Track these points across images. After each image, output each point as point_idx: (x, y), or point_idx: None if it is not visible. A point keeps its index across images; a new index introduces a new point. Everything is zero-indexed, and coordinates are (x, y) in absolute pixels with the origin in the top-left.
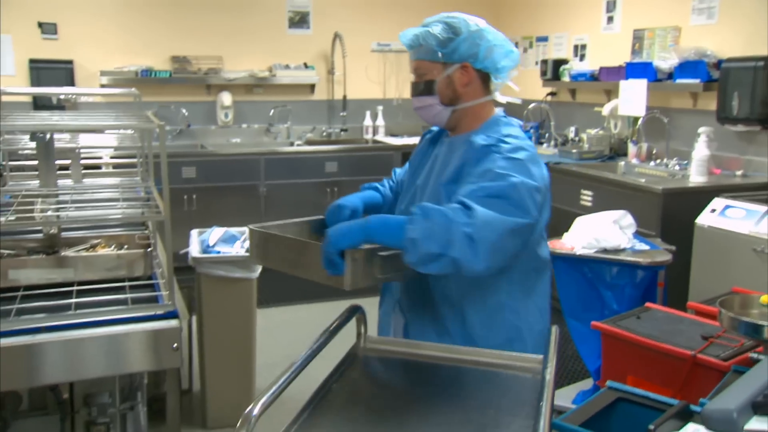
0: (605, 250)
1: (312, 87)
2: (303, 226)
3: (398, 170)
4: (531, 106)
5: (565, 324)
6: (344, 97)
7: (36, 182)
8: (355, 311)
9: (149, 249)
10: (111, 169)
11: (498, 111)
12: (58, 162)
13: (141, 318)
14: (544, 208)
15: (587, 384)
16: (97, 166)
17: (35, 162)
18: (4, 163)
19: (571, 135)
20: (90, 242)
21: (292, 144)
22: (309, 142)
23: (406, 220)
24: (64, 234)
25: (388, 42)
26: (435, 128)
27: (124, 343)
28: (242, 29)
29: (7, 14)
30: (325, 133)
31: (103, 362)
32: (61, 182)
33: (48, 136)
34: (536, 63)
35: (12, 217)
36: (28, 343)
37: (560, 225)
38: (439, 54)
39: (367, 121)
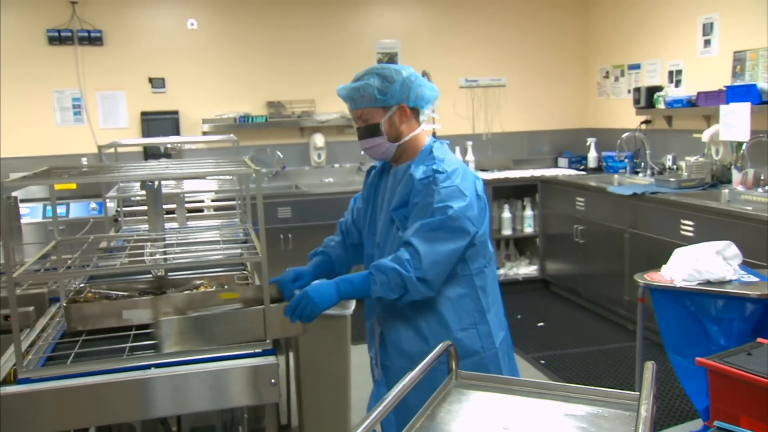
0: (708, 282)
1: None
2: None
3: (356, 197)
4: (624, 135)
5: (668, 359)
6: (434, 133)
7: (146, 226)
8: (447, 347)
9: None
10: (212, 212)
11: (428, 138)
12: (165, 207)
13: (241, 355)
14: (482, 213)
15: (697, 425)
16: (200, 210)
17: (145, 207)
18: (119, 209)
19: (669, 163)
20: (193, 283)
21: None
22: None
23: (369, 280)
24: (171, 275)
25: (475, 77)
26: (378, 163)
27: (225, 378)
28: (333, 72)
29: (122, 73)
30: None
31: (207, 397)
32: (167, 225)
33: (156, 183)
34: (628, 91)
35: (126, 260)
36: (140, 378)
37: (658, 256)
38: (381, 101)
39: (458, 157)
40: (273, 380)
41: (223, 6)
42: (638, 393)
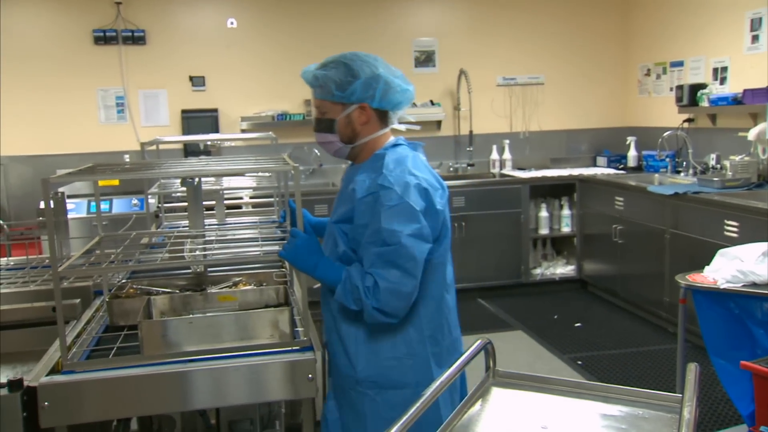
0: (754, 285)
1: (438, 123)
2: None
3: None
4: (666, 134)
5: (710, 362)
6: (470, 132)
7: (186, 222)
8: (485, 345)
9: (286, 285)
10: (250, 209)
11: (392, 138)
12: (204, 203)
13: (279, 351)
14: (439, 228)
15: (741, 430)
16: (238, 206)
17: (186, 204)
18: (160, 205)
19: (712, 162)
20: (232, 280)
21: None
22: None
23: (340, 279)
24: (210, 272)
25: (513, 76)
26: None
27: (263, 372)
28: None
29: (164, 71)
30: (451, 169)
31: (245, 390)
32: (207, 222)
33: (196, 180)
34: (671, 89)
35: (166, 257)
36: (180, 371)
37: (700, 257)
38: (339, 96)
39: (494, 155)
40: (310, 375)
41: (262, 5)
42: (680, 395)
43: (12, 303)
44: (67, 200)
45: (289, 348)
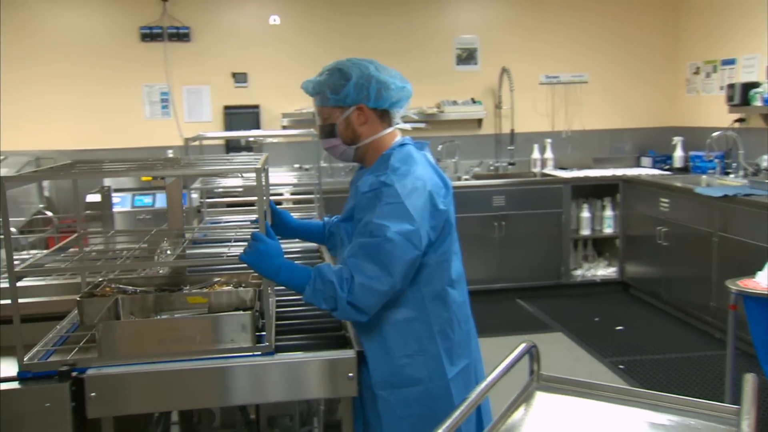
0: None
1: (479, 122)
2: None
3: None
4: (715, 134)
5: (761, 370)
6: (512, 130)
7: (228, 217)
8: (530, 348)
9: (258, 288)
10: (291, 205)
11: (398, 138)
12: (246, 198)
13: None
14: (441, 231)
15: None
16: (279, 203)
17: (228, 199)
18: (202, 200)
19: (765, 164)
20: (211, 280)
21: (459, 178)
22: (476, 177)
23: (308, 281)
24: (190, 271)
25: (556, 74)
26: None
27: (302, 370)
28: (412, 68)
29: (207, 68)
30: (492, 167)
31: (284, 387)
32: (247, 217)
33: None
34: (720, 88)
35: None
36: (221, 367)
37: (750, 262)
38: (334, 100)
39: (536, 155)
40: (351, 374)
41: (305, 2)
42: (735, 406)
43: (38, 296)
44: (113, 194)
45: (251, 353)
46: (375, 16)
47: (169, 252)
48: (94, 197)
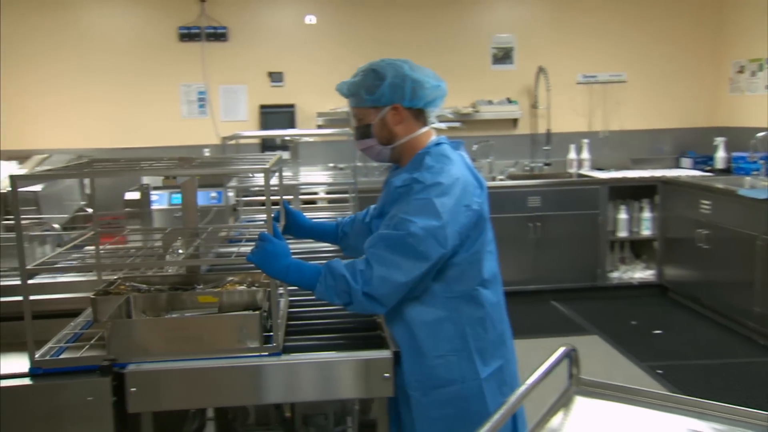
0: None
1: (515, 121)
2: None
3: None
4: (760, 135)
5: None
6: (548, 130)
7: (264, 216)
8: (569, 351)
9: (269, 288)
10: (326, 204)
11: (434, 138)
12: (283, 197)
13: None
14: (473, 230)
15: None
16: (314, 202)
17: (263, 198)
18: (238, 199)
19: None
20: (225, 279)
21: (494, 179)
22: (511, 177)
23: (318, 278)
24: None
25: (594, 73)
26: None
27: (337, 369)
28: (447, 67)
29: (243, 67)
30: (527, 168)
31: (318, 387)
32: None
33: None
34: (766, 87)
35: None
36: (256, 365)
37: None
38: (370, 101)
39: (572, 155)
40: (386, 374)
41: (340, 1)
42: None
43: (60, 292)
44: (152, 192)
45: (258, 354)
46: (411, 15)
47: (181, 251)
48: (132, 195)
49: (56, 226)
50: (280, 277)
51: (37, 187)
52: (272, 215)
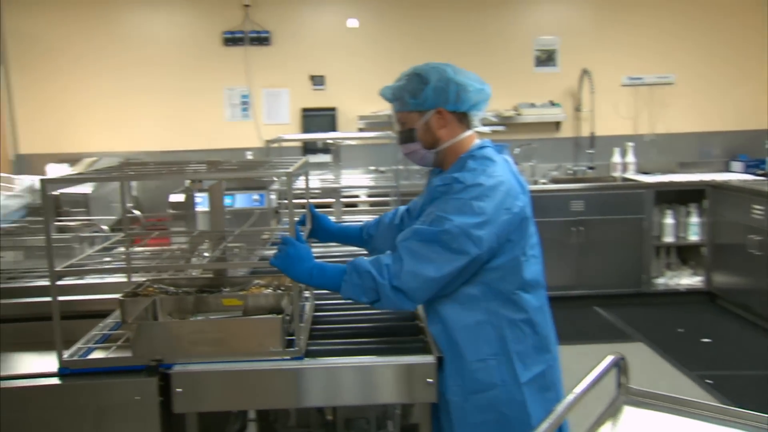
0: None
1: (557, 125)
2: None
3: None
4: None
5: None
6: (592, 133)
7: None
8: (617, 360)
9: (293, 292)
10: (368, 207)
11: (477, 141)
12: (324, 200)
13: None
14: (515, 233)
15: None
16: (355, 205)
17: (304, 201)
18: (280, 201)
19: None
20: (252, 282)
21: (536, 182)
22: (554, 181)
23: (343, 277)
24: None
25: (640, 75)
26: None
27: (378, 374)
28: (489, 70)
29: (286, 70)
30: (570, 171)
31: (359, 391)
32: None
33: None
34: None
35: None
36: (297, 368)
37: None
38: (414, 104)
39: (617, 158)
40: (430, 380)
41: (383, 5)
42: None
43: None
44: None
45: (279, 358)
46: (452, 18)
47: (206, 254)
48: (177, 197)
49: (104, 227)
50: (304, 281)
51: (87, 190)
52: (296, 219)
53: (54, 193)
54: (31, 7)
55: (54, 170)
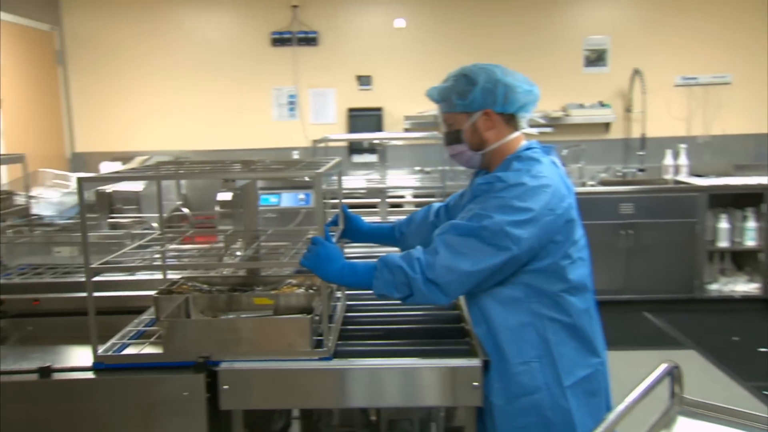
0: None
1: (607, 126)
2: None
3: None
4: None
5: None
6: (643, 135)
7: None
8: (671, 369)
9: (326, 291)
10: (413, 207)
11: (524, 143)
12: (370, 200)
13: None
14: (564, 229)
15: None
16: (401, 205)
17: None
18: (326, 201)
19: None
20: (285, 281)
21: (584, 184)
22: (603, 183)
23: (374, 274)
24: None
25: (694, 75)
26: None
27: (422, 376)
28: (537, 70)
29: (333, 71)
30: (620, 173)
31: (402, 393)
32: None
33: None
34: None
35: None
36: (342, 368)
37: None
38: (461, 106)
39: (668, 161)
40: (476, 383)
41: (430, 5)
42: None
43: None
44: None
45: (307, 358)
46: (500, 18)
47: (239, 253)
48: (224, 195)
49: (155, 224)
50: (335, 280)
51: (139, 187)
52: (328, 219)
53: (107, 190)
54: (89, 11)
55: (107, 168)
